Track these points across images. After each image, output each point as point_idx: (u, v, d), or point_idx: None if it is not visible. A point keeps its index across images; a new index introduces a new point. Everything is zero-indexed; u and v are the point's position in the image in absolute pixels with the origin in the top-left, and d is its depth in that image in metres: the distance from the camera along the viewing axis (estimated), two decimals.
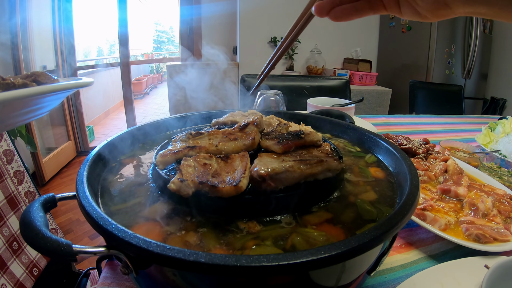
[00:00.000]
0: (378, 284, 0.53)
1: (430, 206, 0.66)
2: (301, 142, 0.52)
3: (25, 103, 0.48)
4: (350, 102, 1.39)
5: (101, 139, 3.20)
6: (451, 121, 1.65)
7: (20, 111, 0.50)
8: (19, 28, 2.51)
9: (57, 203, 0.45)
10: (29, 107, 0.51)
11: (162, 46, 11.37)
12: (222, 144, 0.51)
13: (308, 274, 0.32)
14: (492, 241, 0.58)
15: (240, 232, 0.40)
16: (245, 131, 0.55)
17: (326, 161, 0.46)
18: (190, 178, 0.41)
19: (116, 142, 0.61)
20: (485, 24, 3.09)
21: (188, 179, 0.41)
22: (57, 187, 2.80)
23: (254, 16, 3.34)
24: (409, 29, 3.29)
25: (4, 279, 1.06)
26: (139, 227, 0.41)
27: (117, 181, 0.52)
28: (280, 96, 1.21)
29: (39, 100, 0.52)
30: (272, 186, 0.41)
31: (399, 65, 3.53)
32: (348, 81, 1.97)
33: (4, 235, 1.11)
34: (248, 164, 0.45)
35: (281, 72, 3.56)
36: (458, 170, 0.82)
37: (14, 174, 1.26)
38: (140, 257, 0.33)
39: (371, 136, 0.67)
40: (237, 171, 0.44)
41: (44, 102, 0.54)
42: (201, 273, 0.30)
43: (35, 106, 0.52)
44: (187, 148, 0.51)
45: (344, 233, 0.40)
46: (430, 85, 2.73)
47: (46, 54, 3.04)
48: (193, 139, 0.54)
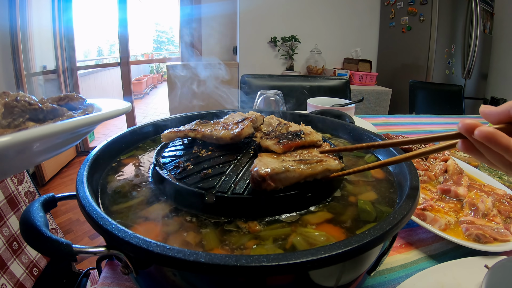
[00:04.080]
0: (378, 284, 0.53)
1: (430, 206, 0.66)
2: (301, 142, 0.52)
3: (50, 141, 0.37)
4: (350, 102, 1.39)
5: (101, 139, 3.20)
6: (451, 121, 1.65)
7: (44, 148, 0.38)
8: (19, 28, 2.51)
9: (57, 203, 0.45)
10: (54, 142, 0.39)
11: (162, 46, 11.36)
12: (216, 131, 0.57)
13: (308, 274, 0.32)
14: (492, 241, 0.58)
15: (240, 232, 0.40)
16: (240, 124, 0.57)
17: (325, 161, 0.46)
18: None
19: (116, 142, 0.61)
20: (485, 24, 3.09)
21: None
22: (57, 187, 2.80)
23: (254, 16, 3.34)
24: (409, 29, 3.29)
25: (4, 279, 1.06)
26: (139, 227, 0.41)
27: (117, 181, 0.52)
28: (280, 96, 1.21)
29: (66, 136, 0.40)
30: (272, 186, 0.41)
31: (399, 65, 3.53)
32: (348, 81, 1.97)
33: (4, 235, 1.11)
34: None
35: (281, 72, 3.56)
36: (458, 170, 0.82)
37: (14, 174, 1.26)
38: (140, 257, 0.33)
39: (371, 136, 0.67)
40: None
41: (71, 135, 0.42)
42: (201, 273, 0.30)
43: (60, 140, 0.40)
44: (189, 130, 0.59)
45: (344, 233, 0.40)
46: (430, 85, 2.73)
47: (46, 54, 3.04)
48: (199, 125, 0.61)
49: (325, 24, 3.60)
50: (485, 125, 0.33)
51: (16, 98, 0.38)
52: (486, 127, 0.32)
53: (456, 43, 3.04)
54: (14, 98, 0.38)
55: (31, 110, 0.38)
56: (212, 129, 0.58)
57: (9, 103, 0.37)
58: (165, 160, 0.53)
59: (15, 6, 2.46)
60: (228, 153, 0.54)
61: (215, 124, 0.62)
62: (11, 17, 2.46)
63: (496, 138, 0.32)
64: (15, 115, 0.37)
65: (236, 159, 0.52)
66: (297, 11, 3.47)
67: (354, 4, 3.58)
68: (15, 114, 0.37)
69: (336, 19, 3.60)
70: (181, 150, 0.57)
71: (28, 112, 0.38)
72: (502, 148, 0.32)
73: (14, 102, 0.37)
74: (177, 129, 0.60)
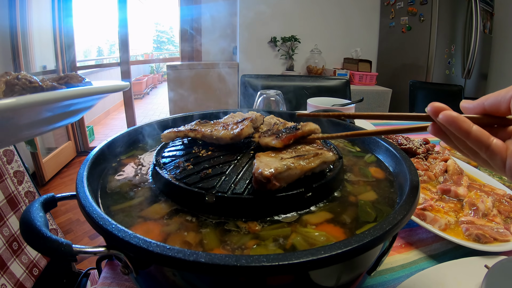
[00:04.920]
0: (378, 284, 0.53)
1: (430, 206, 0.66)
2: (299, 133, 0.51)
3: (50, 109, 0.41)
4: (350, 102, 1.39)
5: (101, 139, 3.21)
6: None
7: (44, 117, 0.42)
8: (19, 28, 2.51)
9: (57, 203, 0.45)
10: (53, 113, 0.43)
11: (162, 46, 11.36)
12: (216, 130, 0.57)
13: (308, 274, 0.32)
14: (492, 241, 0.58)
15: (240, 232, 0.40)
16: (240, 124, 0.57)
17: (321, 154, 0.47)
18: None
19: (116, 142, 0.61)
20: (485, 24, 3.09)
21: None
22: (57, 187, 2.80)
23: (254, 16, 3.33)
24: (409, 29, 3.29)
25: (4, 279, 1.06)
26: (139, 227, 0.41)
27: (117, 181, 0.52)
28: (280, 96, 1.21)
29: (64, 106, 0.43)
30: (277, 186, 0.41)
31: (399, 65, 3.53)
32: (348, 81, 1.97)
33: (4, 235, 1.11)
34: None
35: (281, 72, 3.56)
36: (458, 170, 0.82)
37: (14, 174, 1.26)
38: (140, 257, 0.33)
39: (371, 136, 0.67)
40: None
41: (71, 107, 0.46)
42: (201, 273, 0.30)
43: (60, 111, 0.44)
44: (189, 130, 0.59)
45: (344, 233, 0.40)
46: (430, 85, 2.73)
47: (46, 54, 3.04)
48: (199, 125, 0.61)
49: (325, 24, 3.59)
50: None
51: (17, 77, 0.40)
52: (450, 111, 0.33)
53: (456, 43, 3.04)
54: (15, 77, 0.40)
55: (31, 88, 0.40)
56: (212, 129, 0.58)
57: (11, 81, 0.39)
58: (165, 160, 0.53)
59: (15, 6, 2.46)
60: (228, 153, 0.54)
61: (215, 124, 0.62)
62: (11, 17, 2.46)
63: (457, 122, 0.32)
64: (15, 93, 0.39)
65: (236, 159, 0.52)
66: (297, 11, 3.46)
67: (354, 4, 3.58)
68: (15, 91, 0.39)
69: (336, 19, 3.60)
70: (181, 150, 0.57)
71: (28, 90, 0.39)
72: (463, 133, 0.33)
73: (15, 80, 0.39)
74: (177, 129, 0.60)
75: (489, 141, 0.33)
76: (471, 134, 0.32)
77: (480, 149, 0.33)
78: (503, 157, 0.32)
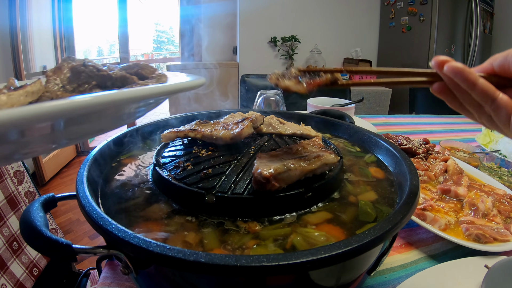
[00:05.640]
0: (378, 284, 0.53)
1: (430, 206, 0.66)
2: (323, 80, 0.42)
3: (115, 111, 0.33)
4: (350, 102, 1.39)
5: (101, 139, 3.20)
6: (451, 121, 1.65)
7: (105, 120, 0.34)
8: (19, 28, 2.51)
9: (57, 203, 0.45)
10: (116, 115, 0.34)
11: (162, 46, 11.35)
12: (216, 131, 0.57)
13: (308, 274, 0.32)
14: (492, 241, 0.58)
15: (240, 232, 0.40)
16: (240, 124, 0.57)
17: (323, 156, 0.46)
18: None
19: (116, 142, 0.61)
20: (485, 24, 3.09)
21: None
22: (57, 187, 2.80)
23: (254, 16, 3.33)
24: (409, 29, 3.29)
25: (4, 279, 1.06)
26: (139, 227, 0.41)
27: (117, 181, 0.52)
28: (280, 96, 1.21)
29: (133, 106, 0.34)
30: (277, 186, 0.41)
31: (399, 65, 3.52)
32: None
33: (4, 235, 1.11)
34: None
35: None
36: (458, 170, 0.82)
37: (14, 174, 1.26)
38: (140, 257, 0.33)
39: (371, 136, 0.67)
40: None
41: (138, 108, 0.37)
42: (201, 273, 0.30)
43: (124, 113, 0.35)
44: (189, 130, 0.59)
45: (344, 233, 0.40)
46: None
47: (46, 54, 3.04)
48: (199, 125, 0.61)
49: (325, 24, 3.60)
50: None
51: (84, 63, 0.36)
52: (456, 62, 0.33)
53: (456, 43, 3.04)
54: (82, 63, 0.36)
55: (99, 76, 0.35)
56: (212, 129, 0.58)
57: (76, 68, 0.35)
58: (165, 160, 0.53)
59: (15, 6, 2.46)
60: (228, 153, 0.54)
61: (215, 124, 0.62)
62: (11, 17, 2.46)
63: (463, 72, 0.32)
64: (81, 81, 0.35)
65: (236, 159, 0.52)
66: (297, 11, 3.47)
67: (354, 4, 3.58)
68: (81, 79, 0.35)
69: (336, 19, 3.60)
70: (181, 150, 0.57)
71: (96, 78, 0.35)
72: (469, 84, 0.32)
73: (81, 67, 0.35)
74: (177, 129, 0.60)
75: (495, 94, 0.32)
76: (477, 85, 0.32)
77: (486, 102, 0.33)
78: (509, 111, 0.32)
